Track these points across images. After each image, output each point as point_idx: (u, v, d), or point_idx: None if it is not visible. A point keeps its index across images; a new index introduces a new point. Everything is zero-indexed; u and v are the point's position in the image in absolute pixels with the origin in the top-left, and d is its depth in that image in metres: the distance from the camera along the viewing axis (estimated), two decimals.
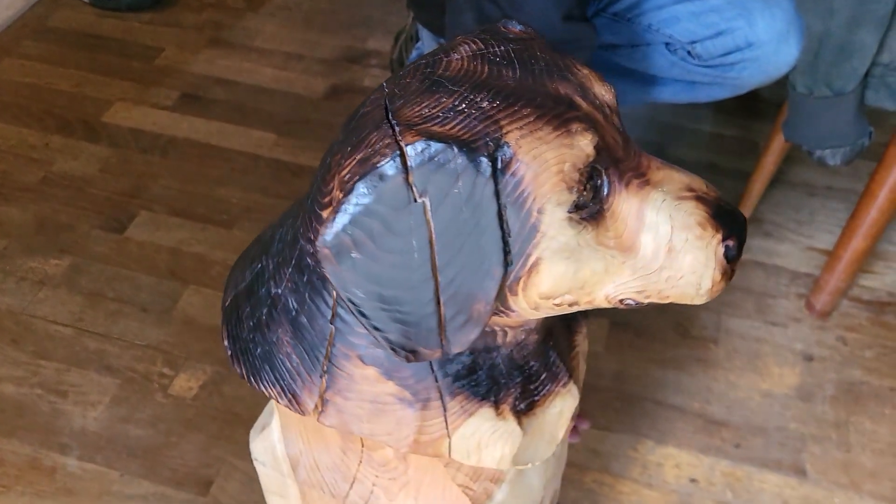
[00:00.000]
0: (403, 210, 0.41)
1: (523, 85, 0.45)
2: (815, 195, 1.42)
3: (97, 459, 1.02)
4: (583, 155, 0.44)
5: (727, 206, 0.47)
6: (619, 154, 0.46)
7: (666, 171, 0.47)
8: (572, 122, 0.44)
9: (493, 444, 0.55)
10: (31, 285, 1.22)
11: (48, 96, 1.55)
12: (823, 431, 1.08)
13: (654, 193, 0.46)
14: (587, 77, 0.48)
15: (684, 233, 0.46)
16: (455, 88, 0.45)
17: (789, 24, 1.04)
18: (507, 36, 0.50)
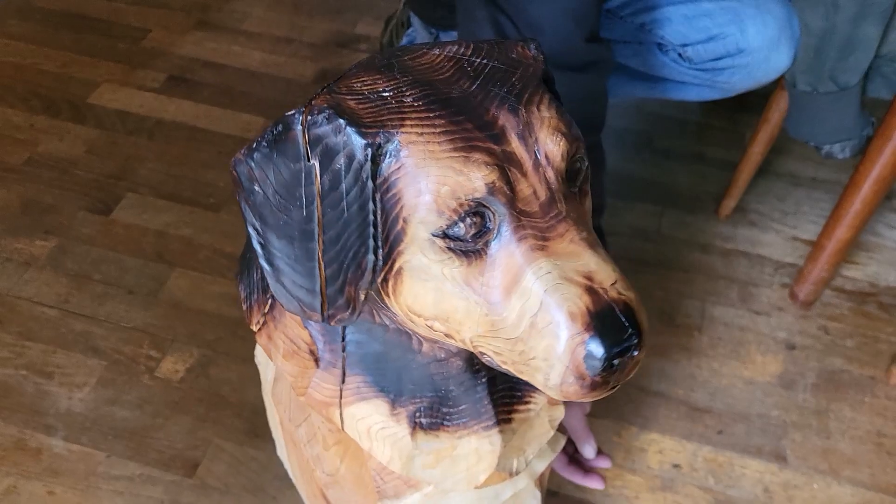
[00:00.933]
0: (297, 164, 0.43)
1: (464, 99, 0.44)
2: (800, 186, 1.43)
3: (83, 440, 1.01)
4: (468, 186, 0.42)
5: (621, 316, 0.41)
6: (529, 208, 0.43)
7: (577, 249, 0.43)
8: (477, 151, 0.42)
9: (381, 441, 0.56)
10: (16, 266, 1.21)
11: (33, 76, 1.53)
12: (804, 419, 1.09)
13: (543, 262, 0.42)
14: (544, 121, 0.45)
15: (550, 315, 0.42)
16: (399, 77, 0.45)
17: (781, 31, 1.04)
18: (507, 53, 0.49)
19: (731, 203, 1.35)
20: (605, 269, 0.42)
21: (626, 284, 0.43)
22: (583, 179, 0.47)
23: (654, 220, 1.35)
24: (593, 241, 0.44)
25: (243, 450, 1.02)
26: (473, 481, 0.59)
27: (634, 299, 0.43)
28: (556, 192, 0.44)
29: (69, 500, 0.96)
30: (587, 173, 0.47)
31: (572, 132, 0.45)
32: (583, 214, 0.46)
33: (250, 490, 0.98)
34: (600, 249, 0.43)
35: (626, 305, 0.42)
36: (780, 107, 1.21)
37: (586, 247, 0.43)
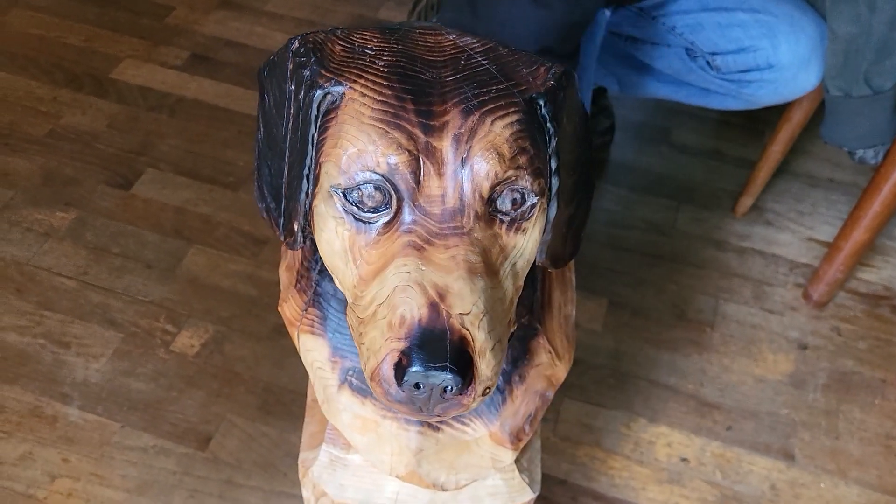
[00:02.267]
0: (284, 85, 0.47)
1: (429, 83, 0.44)
2: (818, 187, 1.43)
3: (98, 410, 1.03)
4: (373, 158, 0.42)
5: (448, 345, 0.40)
6: (431, 208, 0.43)
7: (452, 266, 0.42)
8: (399, 130, 0.42)
9: (318, 380, 0.59)
10: (36, 237, 1.22)
11: (57, 49, 1.54)
12: (814, 418, 1.10)
13: (411, 261, 0.42)
14: (489, 135, 0.43)
15: (387, 310, 0.42)
16: (391, 42, 0.47)
17: (813, 51, 1.04)
18: (515, 65, 0.47)
19: (748, 201, 1.34)
20: (466, 296, 0.41)
21: (481, 324, 0.41)
22: (520, 214, 0.45)
23: (670, 215, 1.35)
24: (479, 268, 0.42)
25: (255, 426, 1.03)
26: (395, 470, 0.61)
27: (479, 341, 0.41)
28: (468, 206, 0.43)
29: (83, 468, 0.98)
30: (530, 211, 0.45)
31: (516, 159, 0.43)
32: (497, 243, 0.44)
33: (261, 466, 0.99)
34: (479, 280, 0.42)
35: (461, 339, 0.40)
36: (803, 107, 1.21)
37: (464, 269, 0.42)
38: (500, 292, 0.44)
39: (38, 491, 0.95)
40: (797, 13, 1.05)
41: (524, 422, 0.62)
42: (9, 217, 1.24)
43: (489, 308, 0.42)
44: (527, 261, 0.47)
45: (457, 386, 0.40)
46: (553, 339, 0.62)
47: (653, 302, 1.22)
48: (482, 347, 0.41)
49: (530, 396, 0.62)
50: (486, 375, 0.42)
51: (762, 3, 1.06)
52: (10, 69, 1.49)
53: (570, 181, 0.51)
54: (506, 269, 0.45)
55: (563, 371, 0.64)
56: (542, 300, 0.62)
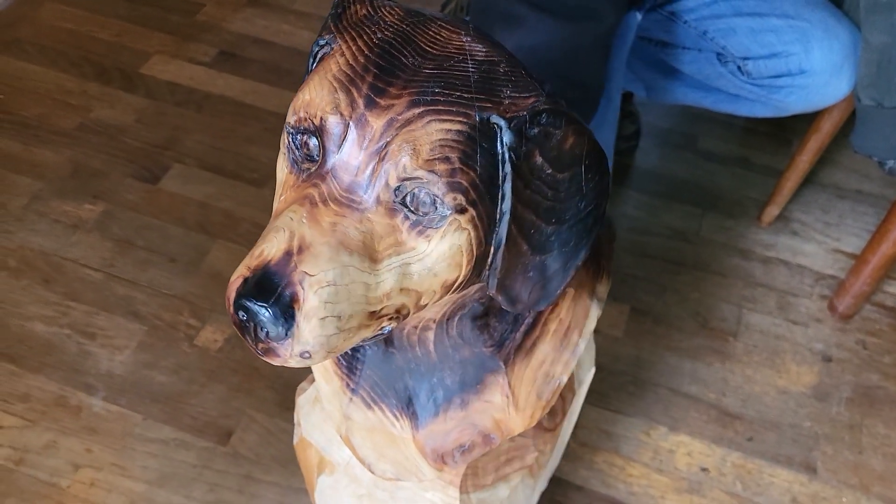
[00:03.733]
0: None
1: (404, 68, 0.45)
2: (845, 198, 1.41)
3: (121, 402, 1.04)
4: (313, 107, 0.45)
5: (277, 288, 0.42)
6: (341, 173, 0.44)
7: (328, 230, 0.44)
8: (346, 94, 0.45)
9: None
10: (64, 228, 1.24)
11: (87, 44, 1.56)
12: (837, 432, 1.08)
13: (301, 210, 0.44)
14: (416, 132, 0.44)
15: (259, 241, 0.45)
16: (405, 24, 0.48)
17: (846, 58, 1.02)
18: (498, 84, 0.47)
19: (774, 210, 1.33)
20: (321, 261, 0.43)
21: (320, 291, 0.42)
22: (426, 218, 0.45)
23: (695, 222, 1.35)
24: (354, 245, 0.44)
25: (275, 422, 1.03)
26: (339, 429, 0.64)
27: (309, 304, 0.42)
28: (373, 187, 0.44)
29: (105, 458, 0.99)
30: (438, 221, 0.45)
31: (432, 163, 0.43)
32: (392, 235, 0.45)
33: (280, 461, 1.00)
34: (346, 255, 0.43)
35: (292, 293, 0.42)
36: (833, 117, 1.19)
37: (336, 238, 0.43)
38: (371, 279, 0.45)
39: (61, 480, 0.96)
40: (832, 20, 1.04)
41: (453, 448, 0.62)
42: (37, 208, 1.26)
43: (342, 283, 0.43)
44: (429, 270, 0.46)
45: (270, 328, 0.42)
46: (517, 387, 0.60)
47: (675, 309, 1.21)
48: (310, 311, 0.42)
49: (467, 427, 0.61)
50: (307, 340, 0.43)
51: (796, 9, 1.05)
52: (42, 62, 1.51)
53: (549, 228, 0.49)
54: (392, 263, 0.45)
55: (519, 424, 0.62)
56: (521, 344, 0.60)
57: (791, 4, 1.06)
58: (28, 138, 1.37)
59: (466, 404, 0.60)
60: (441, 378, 0.59)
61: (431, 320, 0.56)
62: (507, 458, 0.70)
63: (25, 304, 1.13)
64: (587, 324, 0.64)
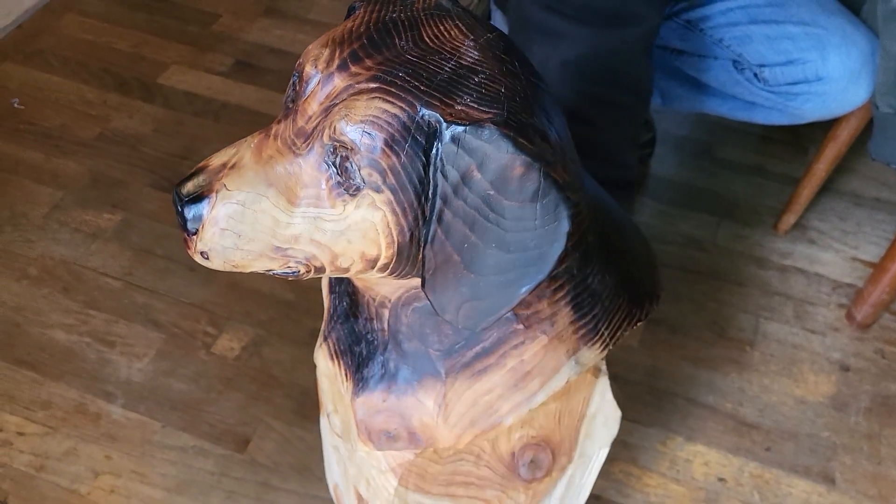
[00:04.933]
0: None
1: (391, 47, 0.48)
2: (863, 206, 1.40)
3: (140, 409, 1.05)
4: (304, 57, 0.50)
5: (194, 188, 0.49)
6: (297, 118, 0.49)
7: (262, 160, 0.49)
8: (328, 52, 0.49)
9: None
10: (84, 237, 1.25)
11: (107, 55, 1.58)
12: (855, 442, 1.08)
13: (254, 137, 0.51)
14: (359, 100, 0.47)
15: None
16: (421, 12, 0.51)
17: (863, 64, 1.02)
18: (468, 93, 0.48)
19: (790, 219, 1.33)
20: (239, 180, 0.48)
21: (227, 203, 0.48)
22: (346, 187, 0.48)
23: (710, 231, 1.34)
24: (273, 181, 0.49)
25: (292, 430, 1.04)
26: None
27: (215, 211, 0.48)
28: (312, 139, 0.48)
29: (125, 465, 1.00)
30: (356, 194, 0.48)
31: (356, 135, 0.47)
32: (313, 183, 0.49)
33: (297, 469, 1.00)
34: (262, 185, 0.49)
35: (208, 196, 0.48)
36: (850, 124, 1.19)
37: (263, 169, 0.49)
38: (282, 217, 0.49)
39: (81, 486, 0.97)
40: (849, 27, 1.04)
41: (380, 431, 0.62)
42: (58, 217, 1.28)
43: (251, 207, 0.48)
44: (342, 234, 0.50)
45: (185, 221, 0.49)
46: (452, 402, 0.60)
47: (691, 318, 1.21)
48: (214, 218, 0.48)
49: (395, 417, 0.61)
50: (206, 241, 0.49)
51: (813, 16, 1.05)
52: (63, 73, 1.53)
53: (489, 250, 0.49)
54: (308, 212, 0.49)
55: (445, 439, 0.61)
56: (469, 362, 0.59)
57: (807, 12, 1.06)
58: (49, 148, 1.39)
59: (401, 394, 0.61)
60: (388, 359, 0.61)
61: (387, 298, 0.58)
62: (463, 480, 0.68)
63: (46, 313, 1.15)
64: (553, 379, 0.61)
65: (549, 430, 0.68)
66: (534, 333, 0.58)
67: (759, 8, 1.07)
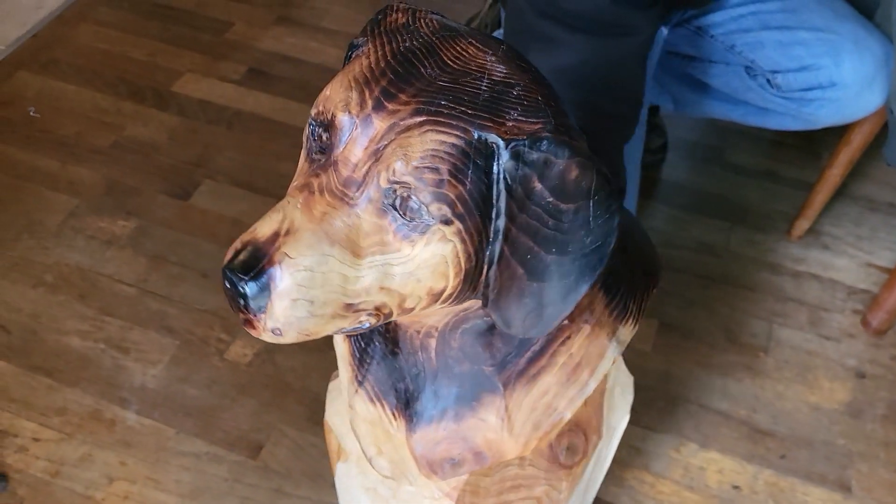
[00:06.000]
0: None
1: (421, 76, 0.47)
2: (877, 211, 1.39)
3: (154, 415, 1.06)
4: (328, 103, 0.48)
5: (262, 266, 0.44)
6: (342, 167, 0.46)
7: (316, 217, 0.46)
8: (359, 94, 0.47)
9: None
10: (99, 244, 1.26)
11: (122, 63, 1.60)
12: (872, 449, 1.07)
13: (297, 196, 0.47)
14: (411, 138, 0.45)
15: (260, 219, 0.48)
16: (435, 36, 0.50)
17: (878, 69, 1.01)
18: (506, 105, 0.48)
19: (804, 224, 1.32)
20: (302, 245, 0.45)
21: (296, 274, 0.45)
22: (411, 225, 0.46)
23: (723, 236, 1.34)
24: (338, 236, 0.46)
25: (304, 436, 1.04)
26: (349, 414, 0.65)
27: (285, 283, 0.44)
28: (366, 185, 0.46)
29: (139, 471, 1.00)
30: (426, 232, 0.46)
31: (421, 171, 0.45)
32: (378, 235, 0.46)
33: (310, 476, 1.01)
34: (326, 245, 0.45)
35: (270, 270, 0.44)
36: (864, 130, 1.18)
37: (321, 229, 0.46)
38: (351, 272, 0.46)
39: (96, 492, 0.98)
40: (862, 32, 1.03)
41: (443, 459, 0.62)
42: (73, 225, 1.29)
43: (318, 270, 0.45)
44: (412, 275, 0.47)
45: (248, 301, 0.45)
46: (514, 412, 0.60)
47: (704, 324, 1.20)
48: (283, 291, 0.45)
49: (458, 441, 0.61)
50: (278, 317, 0.45)
51: (825, 22, 1.04)
52: (78, 82, 1.55)
53: (549, 257, 0.49)
54: (375, 261, 0.47)
55: (512, 450, 0.61)
56: (524, 369, 0.59)
57: (820, 17, 1.05)
58: (65, 156, 1.40)
59: (460, 418, 0.60)
60: (439, 387, 0.60)
61: (434, 328, 0.57)
62: (512, 485, 0.69)
63: (62, 319, 1.16)
64: (601, 364, 0.63)
65: (579, 412, 0.68)
66: (577, 325, 0.59)
67: (772, 14, 1.07)
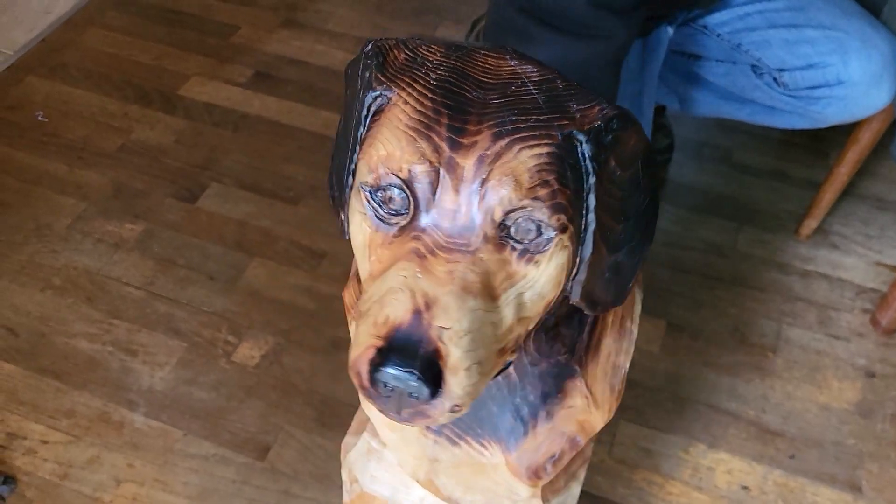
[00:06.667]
0: (355, 83, 0.50)
1: (471, 102, 0.45)
2: (886, 210, 1.38)
3: (162, 417, 1.06)
4: (397, 162, 0.44)
5: (420, 353, 0.41)
6: (442, 221, 0.44)
7: (447, 281, 0.42)
8: (427, 141, 0.44)
9: None
10: (106, 248, 1.27)
11: (129, 67, 1.61)
12: (882, 449, 1.06)
13: (410, 266, 0.43)
14: (511, 163, 0.43)
15: (377, 307, 0.43)
16: (451, 59, 0.48)
17: (885, 67, 1.01)
18: (564, 100, 0.47)
19: (812, 223, 1.31)
20: (451, 312, 0.42)
21: (461, 342, 0.41)
22: (533, 245, 0.44)
23: (731, 236, 1.33)
24: (475, 288, 0.43)
25: (312, 438, 1.04)
26: (416, 473, 0.62)
27: (453, 357, 0.41)
28: (478, 226, 0.43)
29: (147, 473, 1.00)
30: (546, 244, 0.45)
31: (535, 190, 0.43)
32: (504, 269, 0.44)
33: (317, 478, 1.01)
34: (471, 300, 0.42)
35: (435, 351, 0.41)
36: (872, 127, 1.18)
37: (457, 286, 0.42)
38: (496, 317, 0.44)
39: (104, 494, 0.98)
40: (869, 29, 1.03)
41: (545, 460, 0.61)
42: (81, 228, 1.30)
43: (475, 328, 0.42)
44: (539, 294, 0.46)
45: (421, 394, 0.41)
46: (593, 385, 0.61)
47: (712, 325, 1.20)
48: (455, 364, 0.41)
49: (556, 436, 0.61)
50: (456, 393, 0.42)
51: (832, 20, 1.04)
52: (86, 86, 1.56)
53: (619, 227, 0.50)
54: (509, 296, 0.45)
55: (600, 421, 0.62)
56: (588, 343, 0.61)
57: (826, 15, 1.05)
58: (72, 160, 1.41)
59: (552, 415, 0.60)
60: (524, 396, 0.59)
61: None
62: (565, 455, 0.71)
63: (70, 322, 1.16)
64: (635, 308, 0.65)
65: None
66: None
67: (778, 12, 1.07)
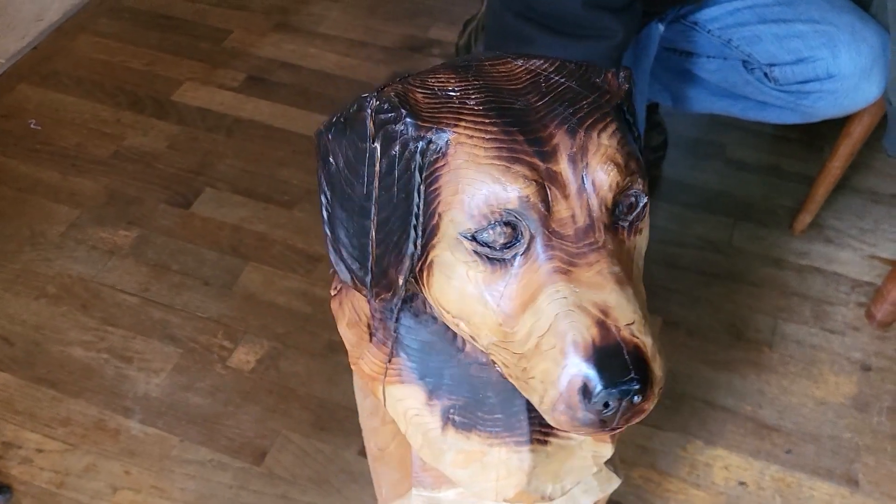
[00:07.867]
0: (363, 144, 0.46)
1: (525, 111, 0.44)
2: (880, 203, 1.38)
3: (159, 424, 1.06)
4: (503, 196, 0.42)
5: (627, 358, 0.41)
6: (564, 230, 0.43)
7: (602, 281, 0.42)
8: (519, 163, 0.43)
9: (415, 427, 0.57)
10: (101, 254, 1.27)
11: (121, 73, 1.60)
12: (878, 443, 1.06)
13: (562, 285, 0.42)
14: (600, 148, 0.44)
15: (555, 339, 0.42)
16: (471, 79, 0.47)
17: (874, 61, 1.01)
18: (589, 77, 0.48)
19: (806, 218, 1.31)
20: (625, 307, 0.42)
21: (645, 329, 0.42)
22: (636, 216, 0.45)
23: (726, 232, 1.33)
24: (623, 277, 0.43)
25: (310, 442, 1.04)
26: (502, 494, 0.59)
27: (649, 346, 0.42)
28: (596, 220, 0.43)
29: (144, 480, 1.00)
30: (643, 211, 0.46)
31: (629, 166, 0.44)
32: (624, 249, 0.45)
33: (315, 482, 1.01)
34: (628, 288, 0.43)
35: (636, 349, 0.41)
36: (864, 121, 1.18)
37: (613, 282, 0.42)
38: (641, 295, 0.45)
39: (101, 502, 0.98)
40: (859, 23, 1.03)
41: None
42: (75, 235, 1.29)
43: (643, 311, 0.43)
44: (643, 257, 0.47)
45: (642, 395, 0.41)
46: None
47: (709, 321, 1.20)
48: (652, 351, 0.42)
49: None
50: (659, 376, 0.43)
51: (821, 14, 1.04)
52: (78, 93, 1.55)
53: None
54: (635, 272, 0.46)
55: None
56: None
57: (816, 9, 1.05)
58: (66, 167, 1.41)
59: None
60: None
61: None
62: None
63: (65, 330, 1.16)
64: None
65: None
66: None
67: (768, 7, 1.07)
